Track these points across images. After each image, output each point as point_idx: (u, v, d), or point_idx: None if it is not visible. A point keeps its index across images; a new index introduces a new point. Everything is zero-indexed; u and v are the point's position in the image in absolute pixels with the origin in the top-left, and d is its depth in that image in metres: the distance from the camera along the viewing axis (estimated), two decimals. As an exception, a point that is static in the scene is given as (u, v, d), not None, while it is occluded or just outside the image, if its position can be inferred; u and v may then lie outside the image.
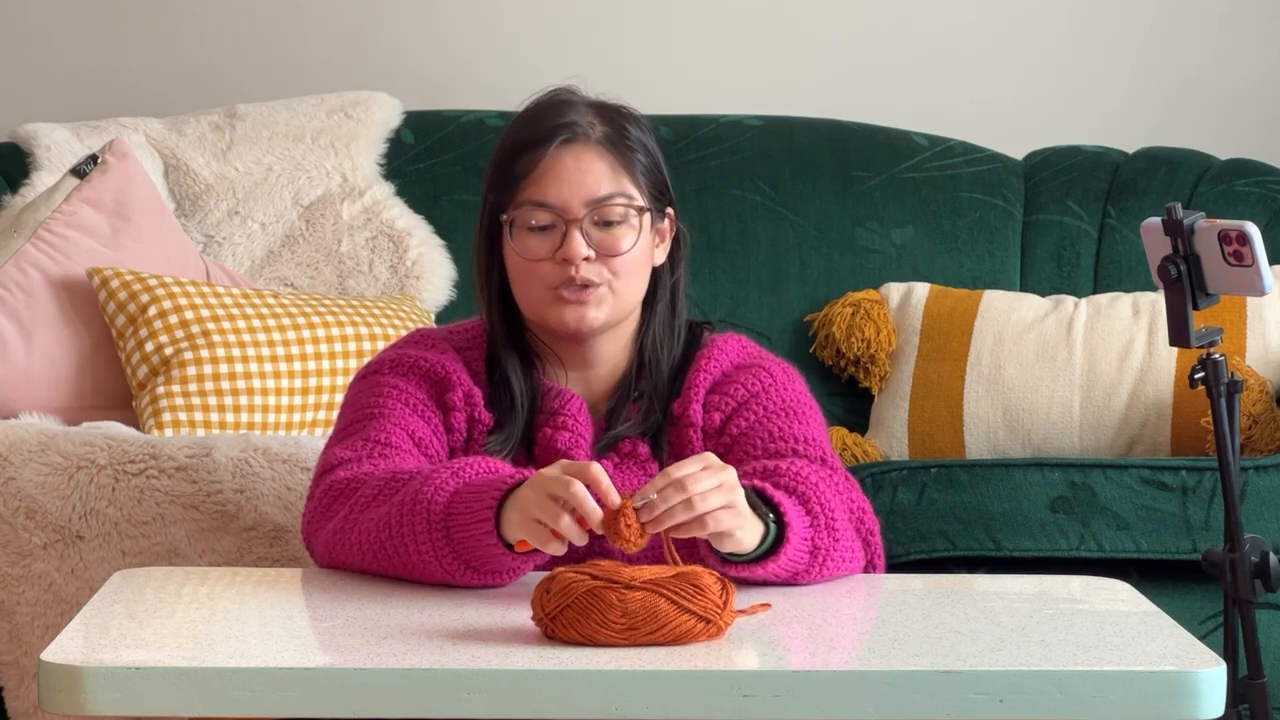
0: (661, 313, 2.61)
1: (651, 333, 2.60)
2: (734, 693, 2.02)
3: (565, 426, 2.55)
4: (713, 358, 2.61)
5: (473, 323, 2.66)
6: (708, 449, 2.56)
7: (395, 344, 2.67)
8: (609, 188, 2.53)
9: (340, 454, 2.52)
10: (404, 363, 2.60)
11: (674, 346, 2.62)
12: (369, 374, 2.63)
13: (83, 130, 3.86)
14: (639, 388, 2.59)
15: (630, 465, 2.56)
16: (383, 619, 2.22)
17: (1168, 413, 3.66)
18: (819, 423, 2.61)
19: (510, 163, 2.54)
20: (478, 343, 2.63)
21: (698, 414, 2.57)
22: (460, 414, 2.57)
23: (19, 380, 3.42)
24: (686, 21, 4.30)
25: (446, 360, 2.59)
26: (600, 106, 2.59)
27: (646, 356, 2.60)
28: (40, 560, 3.02)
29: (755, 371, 2.60)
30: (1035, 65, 4.33)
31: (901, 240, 3.94)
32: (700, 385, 2.59)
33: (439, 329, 2.68)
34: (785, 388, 2.60)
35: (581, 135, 2.53)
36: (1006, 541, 3.28)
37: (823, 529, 2.40)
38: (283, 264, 3.83)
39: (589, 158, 2.53)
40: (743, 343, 2.65)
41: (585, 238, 2.51)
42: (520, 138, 2.55)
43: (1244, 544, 2.66)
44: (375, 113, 3.98)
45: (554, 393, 2.58)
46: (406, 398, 2.57)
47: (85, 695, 2.01)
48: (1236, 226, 2.60)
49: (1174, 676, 2.04)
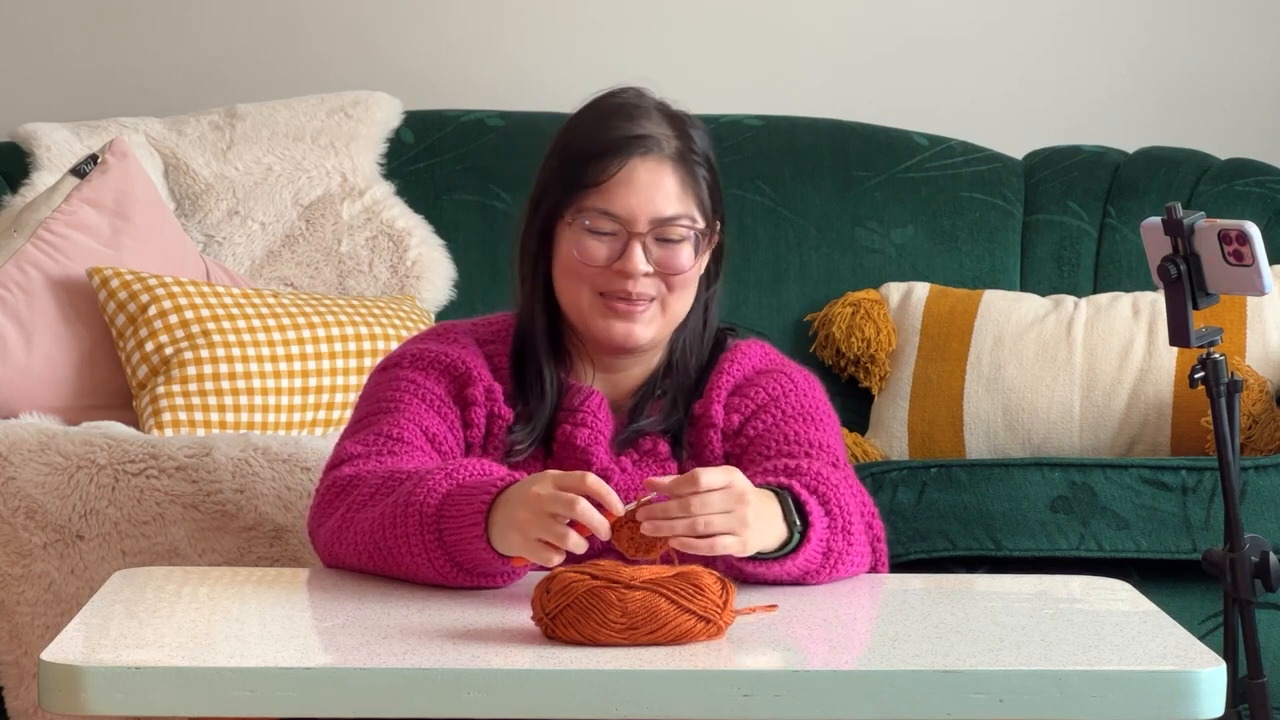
0: (694, 321, 2.61)
1: (683, 339, 2.61)
2: (734, 693, 2.02)
3: (584, 423, 2.55)
4: (736, 361, 2.61)
5: (500, 316, 2.66)
6: (725, 450, 2.56)
7: (417, 337, 2.66)
8: (676, 208, 2.52)
9: (350, 448, 2.52)
10: (424, 357, 2.59)
11: (702, 352, 2.62)
12: (389, 367, 2.62)
13: (83, 130, 3.86)
14: (663, 386, 2.60)
15: (650, 462, 2.56)
16: (383, 619, 2.22)
17: (1168, 413, 3.66)
18: (835, 430, 2.62)
19: (581, 165, 2.52)
20: (503, 336, 2.62)
21: (719, 415, 2.58)
22: (481, 409, 2.57)
23: (19, 380, 3.42)
24: (686, 21, 4.30)
25: (468, 355, 2.59)
26: (670, 115, 2.57)
27: (675, 360, 2.61)
28: (40, 560, 3.02)
29: (776, 376, 2.61)
30: (1035, 65, 4.33)
31: (901, 240, 3.94)
32: (723, 387, 2.59)
33: (464, 322, 2.67)
34: (805, 394, 2.61)
35: (656, 149, 2.52)
36: (1006, 541, 3.28)
37: (839, 532, 2.41)
38: (283, 264, 3.83)
39: (662, 174, 2.52)
40: (765, 349, 2.66)
41: (646, 253, 2.52)
42: (593, 141, 2.53)
43: (1244, 544, 2.66)
44: (375, 113, 3.98)
45: (575, 389, 2.58)
46: (424, 393, 2.56)
47: (85, 695, 2.01)
48: (1236, 226, 2.60)
49: (1174, 676, 2.04)
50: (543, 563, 2.25)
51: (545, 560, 2.25)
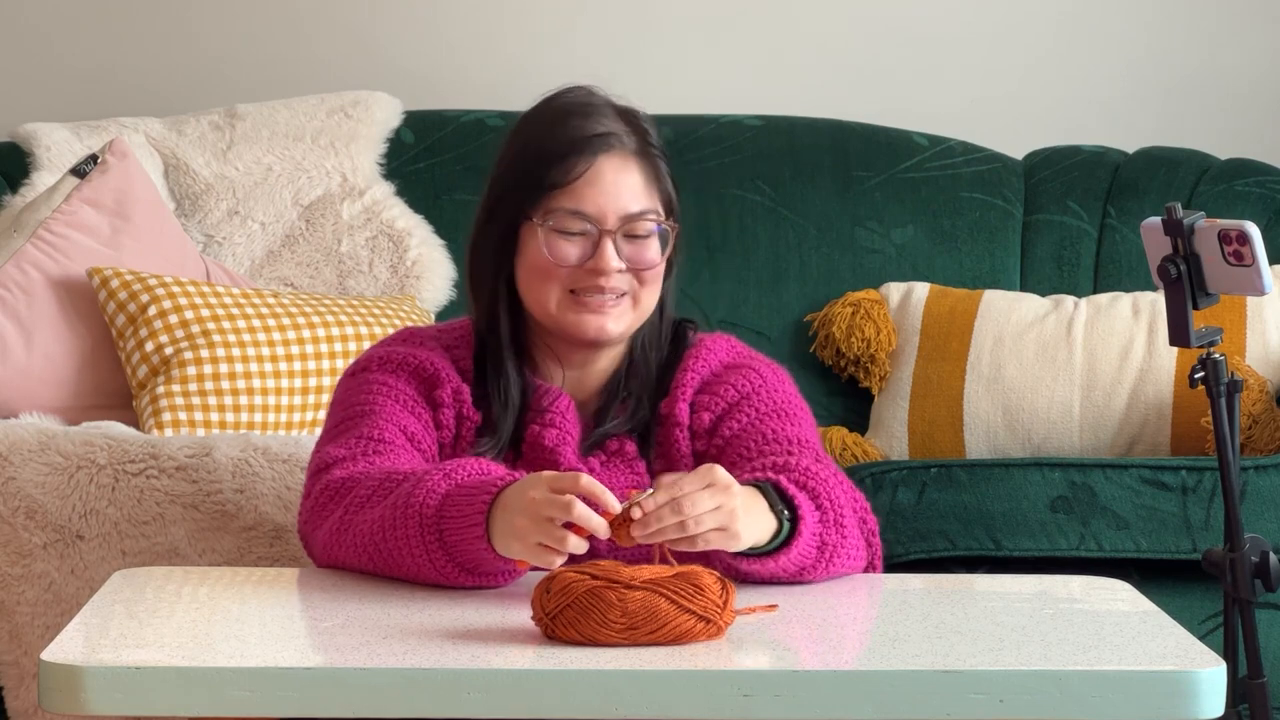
0: (652, 314, 2.61)
1: (642, 333, 2.61)
2: (734, 693, 2.02)
3: (552, 424, 2.55)
4: (701, 357, 2.61)
5: (459, 322, 2.66)
6: (697, 449, 2.57)
7: (382, 342, 2.67)
8: (643, 203, 2.53)
9: (335, 452, 2.52)
10: (392, 360, 2.60)
11: (660, 345, 2.62)
12: (357, 371, 2.62)
13: (83, 130, 3.86)
14: (628, 387, 2.60)
15: (617, 463, 2.57)
16: (383, 619, 2.22)
17: (1168, 413, 3.66)
18: (810, 424, 2.61)
19: (544, 166, 2.52)
20: (465, 341, 2.63)
21: (684, 413, 2.58)
22: (449, 410, 2.57)
23: (19, 380, 3.42)
24: (686, 21, 4.30)
25: (434, 357, 2.59)
26: (623, 112, 2.58)
27: (636, 355, 2.61)
28: (40, 560, 3.02)
29: (745, 372, 2.60)
30: (1035, 65, 4.33)
31: (901, 240, 3.94)
32: (688, 385, 2.59)
33: (426, 327, 2.68)
34: (776, 389, 2.60)
35: (619, 146, 2.53)
36: (1006, 541, 3.28)
37: (831, 525, 2.41)
38: (283, 264, 3.83)
39: (627, 170, 2.53)
40: (731, 342, 2.65)
41: (617, 250, 2.52)
42: (555, 141, 2.53)
43: (1244, 544, 2.66)
44: (375, 113, 3.98)
45: (542, 390, 2.58)
46: (397, 394, 2.56)
47: (85, 695, 2.01)
48: (1236, 226, 2.60)
49: (1174, 676, 2.04)
50: (546, 566, 2.25)
51: (548, 564, 2.25)
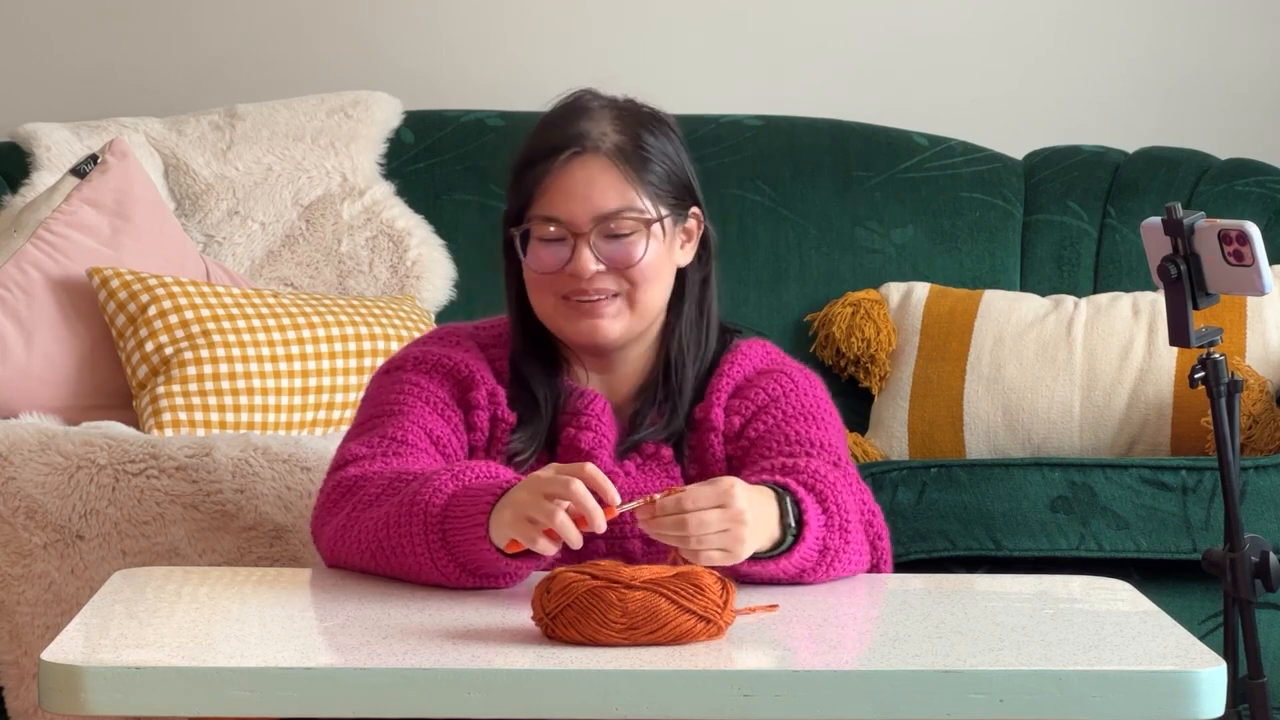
0: (688, 313, 2.58)
1: (677, 334, 2.58)
2: (734, 693, 2.02)
3: (589, 427, 2.55)
4: (736, 363, 2.59)
5: (501, 319, 2.64)
6: (728, 453, 2.56)
7: (420, 340, 2.66)
8: (617, 202, 2.50)
9: (355, 450, 2.52)
10: (427, 360, 2.59)
11: (702, 348, 2.60)
12: (391, 369, 2.62)
13: (83, 130, 3.86)
14: (663, 391, 2.58)
15: (654, 467, 2.55)
16: (383, 619, 2.22)
17: (1168, 413, 3.66)
18: (837, 429, 2.60)
19: (523, 174, 2.52)
20: (503, 340, 2.61)
21: (719, 419, 2.56)
22: (484, 412, 2.56)
23: (19, 380, 3.42)
24: (686, 21, 4.30)
25: (470, 358, 2.58)
26: (620, 111, 2.55)
27: (672, 358, 2.58)
28: (40, 560, 3.02)
29: (776, 376, 2.59)
30: (1035, 65, 4.33)
31: (901, 240, 3.95)
32: (723, 390, 2.57)
33: (465, 325, 2.67)
34: (805, 393, 2.59)
35: (591, 147, 2.50)
36: (1006, 541, 3.28)
37: (835, 530, 2.40)
38: (283, 264, 3.83)
39: (597, 170, 2.50)
40: (767, 348, 2.64)
41: (594, 251, 2.49)
42: (532, 150, 2.53)
43: (1244, 544, 2.66)
44: (375, 113, 3.98)
45: (578, 393, 2.57)
46: (427, 396, 2.56)
47: (85, 695, 2.01)
48: (1236, 226, 2.60)
49: (1174, 676, 2.04)
50: (529, 544, 2.25)
51: (532, 542, 2.24)
